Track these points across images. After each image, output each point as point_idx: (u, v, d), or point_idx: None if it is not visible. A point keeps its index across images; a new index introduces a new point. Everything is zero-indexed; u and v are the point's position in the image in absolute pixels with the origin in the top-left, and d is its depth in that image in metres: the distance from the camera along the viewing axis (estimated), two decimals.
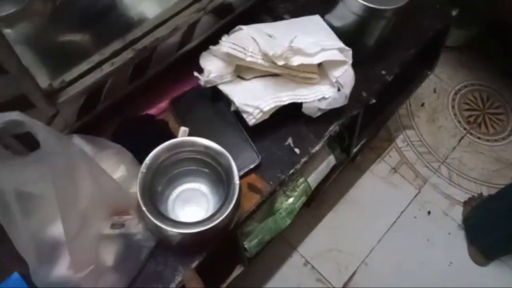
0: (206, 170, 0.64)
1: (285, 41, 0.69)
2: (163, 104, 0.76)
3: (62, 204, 0.48)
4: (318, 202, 1.34)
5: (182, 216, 0.63)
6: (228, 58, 0.70)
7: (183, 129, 0.70)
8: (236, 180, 0.57)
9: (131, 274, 0.59)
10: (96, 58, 0.63)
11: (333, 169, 0.96)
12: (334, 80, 0.72)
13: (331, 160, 0.92)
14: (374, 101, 0.83)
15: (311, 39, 0.72)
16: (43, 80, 0.57)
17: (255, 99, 0.69)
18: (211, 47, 0.70)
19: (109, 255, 0.57)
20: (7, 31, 0.65)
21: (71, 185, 0.50)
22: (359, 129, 0.92)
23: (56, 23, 0.68)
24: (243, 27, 0.71)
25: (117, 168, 0.59)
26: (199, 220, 0.55)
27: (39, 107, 0.56)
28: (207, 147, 0.60)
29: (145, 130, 0.70)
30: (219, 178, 0.62)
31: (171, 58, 0.72)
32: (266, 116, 0.69)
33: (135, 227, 0.60)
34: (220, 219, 0.54)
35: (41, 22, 0.68)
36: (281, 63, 0.67)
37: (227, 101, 0.74)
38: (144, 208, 0.54)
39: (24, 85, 0.52)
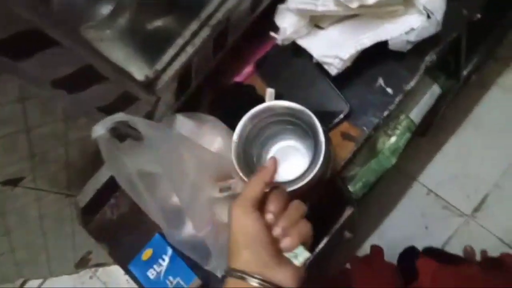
0: (294, 129, 0.67)
1: None
2: (249, 69, 0.79)
3: (172, 180, 0.57)
4: (435, 130, 1.26)
5: (281, 173, 0.68)
6: (301, 11, 0.68)
7: (269, 91, 0.72)
8: (321, 137, 0.59)
9: None
10: (179, 42, 0.68)
11: (442, 97, 0.88)
12: (421, 8, 0.64)
13: (435, 90, 0.84)
14: (479, 16, 0.72)
15: None
16: (139, 74, 0.65)
17: (333, 48, 0.67)
18: (279, 6, 0.69)
19: (222, 212, 0.65)
20: (107, 32, 0.75)
21: (176, 163, 0.58)
22: (465, 51, 0.81)
23: (141, 13, 0.74)
24: None
25: (214, 140, 0.66)
26: (290, 180, 0.59)
27: (142, 98, 0.64)
28: (288, 108, 0.62)
29: (235, 98, 0.75)
30: (308, 134, 0.64)
31: (246, 23, 0.73)
32: (349, 64, 0.67)
33: (240, 187, 0.67)
34: (310, 177, 0.57)
35: (130, 15, 0.76)
36: (355, 5, 0.63)
37: (308, 54, 0.73)
38: (240, 174, 0.60)
39: (124, 83, 0.60)
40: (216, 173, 0.65)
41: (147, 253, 0.70)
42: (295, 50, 0.75)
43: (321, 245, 0.87)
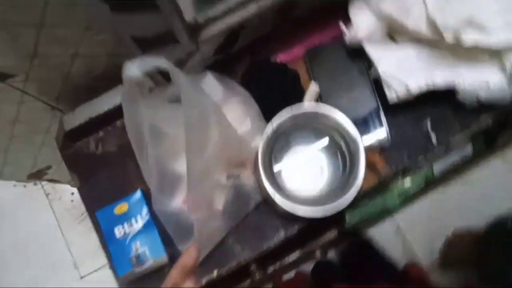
0: (328, 140, 0.60)
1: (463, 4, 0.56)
2: (298, 51, 0.70)
3: (190, 149, 0.49)
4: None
5: (294, 180, 0.62)
6: (384, 15, 0.60)
7: (313, 89, 0.64)
8: (361, 174, 0.52)
9: (235, 221, 0.62)
10: None
11: (468, 159, 0.84)
12: (507, 66, 0.58)
13: (467, 151, 0.80)
14: None
15: (496, 5, 0.57)
16: (188, 13, 0.55)
17: (403, 72, 0.59)
18: None
19: (220, 201, 0.59)
20: None
21: (201, 133, 0.50)
22: None
23: None
24: None
25: (244, 120, 0.58)
26: (312, 207, 0.53)
27: (182, 43, 0.55)
28: (338, 124, 0.55)
29: (275, 78, 0.67)
30: (341, 155, 0.58)
31: (317, 3, 0.64)
32: (410, 97, 0.60)
33: (247, 179, 0.60)
34: (333, 212, 0.51)
35: None
36: (449, 39, 0.55)
37: (368, 63, 0.65)
38: (261, 170, 0.53)
39: (171, 20, 0.50)
40: (232, 157, 0.57)
41: (121, 207, 0.62)
42: (355, 52, 0.67)
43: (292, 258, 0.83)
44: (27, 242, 1.46)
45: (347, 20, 0.64)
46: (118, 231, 0.61)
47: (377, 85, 0.64)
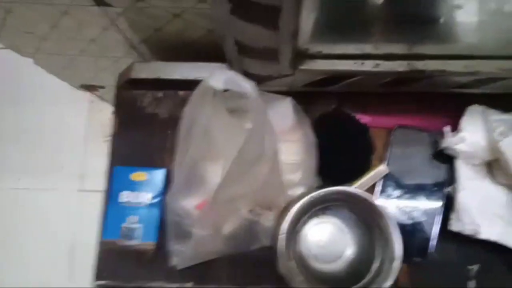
0: (364, 230, 0.55)
1: None
2: (384, 121, 0.63)
3: (234, 166, 0.45)
4: None
5: (313, 246, 0.57)
6: (498, 151, 0.52)
7: (382, 170, 0.59)
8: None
9: (233, 251, 0.58)
10: (365, 48, 0.53)
11: None
12: None
13: None
14: None
15: None
16: (304, 42, 0.51)
17: (481, 213, 0.52)
18: (472, 107, 0.54)
19: (229, 227, 0.55)
20: None
21: (250, 158, 0.46)
22: None
23: None
24: None
25: (295, 168, 0.53)
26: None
27: (281, 64, 0.51)
28: (385, 224, 0.49)
29: (350, 135, 0.61)
30: (371, 247, 0.52)
31: (436, 89, 0.58)
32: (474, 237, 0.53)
33: (266, 220, 0.56)
34: None
35: None
36: None
37: (450, 177, 0.58)
38: (282, 235, 0.48)
39: (284, 42, 0.46)
40: (263, 195, 0.53)
41: (140, 175, 0.60)
42: (442, 157, 0.60)
43: None
44: (50, 128, 1.44)
45: (453, 121, 0.58)
46: (124, 196, 0.59)
47: (448, 200, 0.58)
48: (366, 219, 0.54)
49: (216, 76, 0.38)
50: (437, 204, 0.59)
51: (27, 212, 1.39)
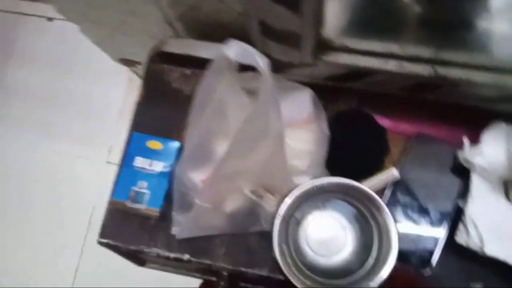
0: (363, 225, 0.54)
1: None
2: (404, 127, 0.62)
3: (236, 143, 0.46)
4: None
5: (311, 239, 0.56)
6: None
7: (393, 175, 0.58)
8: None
9: (232, 230, 0.59)
10: (391, 47, 0.53)
11: None
12: None
13: None
14: None
15: None
16: (329, 31, 0.51)
17: (490, 230, 0.51)
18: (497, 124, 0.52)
19: (231, 205, 0.56)
20: None
21: (254, 137, 0.48)
22: None
23: None
24: None
25: (303, 156, 0.54)
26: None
27: (302, 52, 0.51)
28: (387, 226, 0.49)
29: (367, 135, 0.60)
30: (369, 242, 0.52)
31: (458, 100, 0.56)
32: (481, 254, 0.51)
33: (268, 205, 0.56)
34: None
35: None
36: None
37: (463, 189, 0.57)
38: (276, 227, 0.49)
39: (307, 28, 0.47)
40: (267, 178, 0.53)
41: (156, 144, 0.62)
42: (459, 168, 0.58)
43: None
44: (92, 98, 1.50)
45: (474, 136, 0.56)
46: (139, 161, 0.62)
47: (458, 213, 0.56)
48: (364, 213, 0.54)
49: (232, 46, 0.39)
50: (446, 217, 0.57)
51: (59, 174, 1.46)
